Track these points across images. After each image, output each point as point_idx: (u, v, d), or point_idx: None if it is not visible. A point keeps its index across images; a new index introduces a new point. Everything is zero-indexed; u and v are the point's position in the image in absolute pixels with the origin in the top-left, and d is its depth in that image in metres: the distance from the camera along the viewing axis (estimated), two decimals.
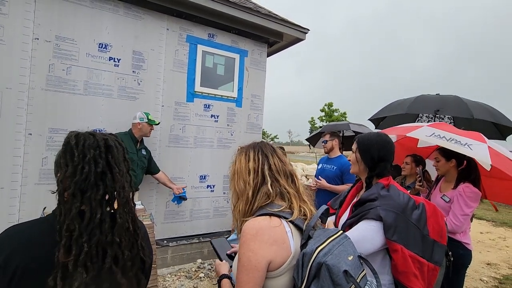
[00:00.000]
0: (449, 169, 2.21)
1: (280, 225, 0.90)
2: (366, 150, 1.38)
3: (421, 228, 1.22)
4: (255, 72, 4.17)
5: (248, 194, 0.98)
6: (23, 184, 2.75)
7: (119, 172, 0.85)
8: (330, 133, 3.31)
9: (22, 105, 2.74)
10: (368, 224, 1.22)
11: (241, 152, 1.08)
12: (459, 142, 1.85)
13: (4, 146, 2.66)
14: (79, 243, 0.75)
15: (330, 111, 33.95)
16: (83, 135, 0.85)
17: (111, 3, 3.15)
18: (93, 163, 0.81)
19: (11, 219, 2.68)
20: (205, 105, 3.79)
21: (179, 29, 3.58)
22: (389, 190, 1.29)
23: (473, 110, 2.97)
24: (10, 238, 0.78)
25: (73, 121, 2.95)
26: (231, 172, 1.09)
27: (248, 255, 0.86)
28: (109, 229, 0.80)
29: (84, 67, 3.02)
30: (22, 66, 2.73)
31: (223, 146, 3.96)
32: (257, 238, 0.86)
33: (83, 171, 0.79)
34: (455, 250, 2.10)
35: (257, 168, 1.01)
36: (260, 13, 3.85)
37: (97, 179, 0.81)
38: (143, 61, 3.36)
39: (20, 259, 0.74)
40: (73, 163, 0.80)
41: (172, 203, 3.52)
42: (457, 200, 2.07)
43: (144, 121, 3.01)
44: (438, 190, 2.32)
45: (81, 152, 0.81)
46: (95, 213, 0.79)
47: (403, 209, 1.21)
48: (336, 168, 3.14)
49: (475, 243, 5.25)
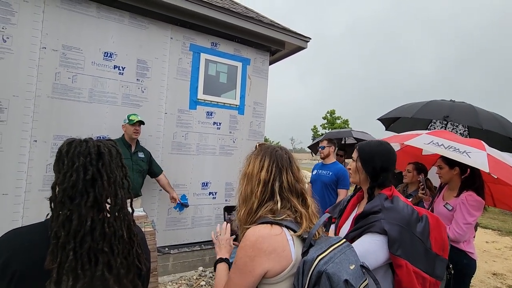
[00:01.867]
0: (452, 177, 2.20)
1: (281, 233, 0.90)
2: (368, 160, 1.32)
3: (425, 242, 1.18)
4: (257, 80, 4.21)
5: (253, 204, 0.97)
6: (27, 191, 2.78)
7: (108, 179, 0.84)
8: (327, 139, 3.45)
9: (28, 112, 2.79)
10: (372, 238, 1.17)
11: (257, 155, 1.03)
12: (458, 150, 1.85)
13: (10, 153, 2.70)
14: (66, 250, 0.75)
15: (332, 118, 33.95)
16: (75, 142, 0.86)
17: (117, 13, 3.22)
18: (82, 170, 0.81)
19: (14, 225, 2.68)
20: (208, 113, 3.83)
21: (183, 38, 3.64)
22: (393, 201, 1.24)
23: (483, 121, 2.90)
24: (9, 242, 0.79)
25: (77, 128, 2.99)
26: (242, 172, 1.05)
27: (245, 260, 0.88)
28: (100, 237, 0.80)
29: (90, 75, 3.08)
30: (29, 75, 2.79)
31: (225, 153, 3.97)
32: (256, 245, 0.87)
33: (71, 179, 0.80)
34: (458, 260, 2.07)
35: (268, 181, 0.97)
36: (263, 22, 3.92)
37: (87, 186, 0.81)
38: (147, 69, 3.42)
39: (18, 262, 0.75)
40: (62, 170, 0.81)
41: (174, 210, 3.53)
42: (460, 209, 2.05)
43: (126, 122, 2.98)
44: (441, 198, 2.31)
45: (70, 159, 0.82)
46: (85, 220, 0.79)
47: (408, 222, 1.17)
48: (332, 174, 3.23)
49: (481, 252, 5.17)
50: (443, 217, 2.20)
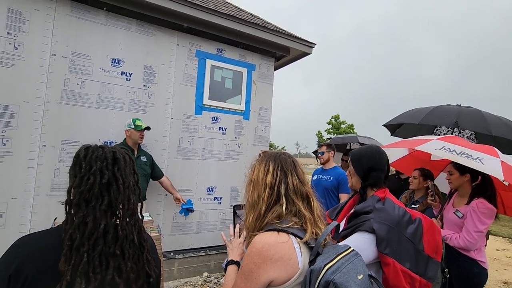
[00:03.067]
0: (463, 184, 2.16)
1: (288, 241, 0.89)
2: (357, 161, 1.42)
3: (416, 243, 1.22)
4: (262, 86, 4.23)
5: (260, 209, 0.98)
6: (36, 195, 2.81)
7: (123, 183, 0.87)
8: (326, 145, 3.48)
9: (37, 118, 2.84)
10: (361, 236, 1.22)
11: (261, 161, 1.05)
12: (470, 156, 1.81)
13: (20, 157, 2.74)
14: (80, 252, 0.77)
15: (337, 123, 33.81)
16: (92, 148, 0.88)
17: (125, 20, 3.28)
18: (99, 174, 0.83)
19: (23, 229, 2.73)
20: (213, 118, 3.85)
21: (189, 44, 3.69)
22: (385, 203, 1.29)
23: (492, 127, 2.86)
24: (21, 248, 0.80)
25: (85, 133, 3.03)
26: (247, 179, 1.06)
27: (251, 267, 0.87)
28: (112, 240, 0.81)
29: (97, 81, 3.13)
30: (39, 81, 2.85)
31: (230, 158, 3.98)
32: (262, 253, 0.86)
33: (88, 182, 0.82)
34: (469, 269, 2.03)
35: (274, 185, 0.98)
36: (268, 29, 3.95)
37: (102, 190, 0.83)
38: (154, 75, 3.46)
39: (30, 268, 0.76)
40: (80, 174, 0.83)
41: (179, 215, 3.53)
42: (471, 216, 2.01)
43: (131, 127, 2.98)
44: (451, 205, 2.27)
45: (87, 163, 0.84)
46: (99, 223, 0.80)
47: (397, 223, 1.21)
48: (333, 179, 3.25)
49: (491, 261, 5.04)
50: (453, 224, 2.16)
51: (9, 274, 0.75)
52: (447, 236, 2.11)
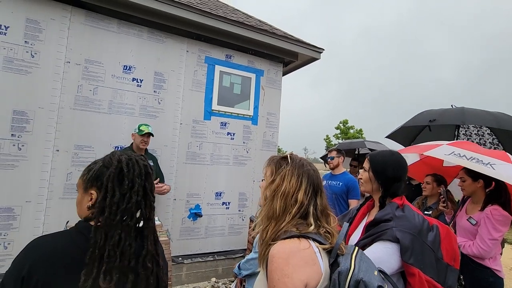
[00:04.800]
0: (476, 190, 2.11)
1: (309, 247, 0.88)
2: (381, 170, 1.34)
3: (436, 251, 1.18)
4: (270, 91, 4.25)
5: (283, 222, 0.93)
6: (49, 198, 2.88)
7: (152, 201, 0.89)
8: (336, 150, 3.46)
9: (51, 123, 2.92)
10: (384, 245, 1.17)
11: (293, 172, 0.98)
12: (481, 162, 1.78)
13: (34, 162, 2.82)
14: (117, 269, 0.79)
15: (345, 128, 33.52)
16: (132, 162, 0.88)
17: (136, 28, 3.37)
18: (136, 193, 0.85)
19: (36, 232, 2.79)
20: (222, 123, 3.88)
21: (198, 51, 3.75)
22: (404, 210, 1.25)
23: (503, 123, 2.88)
24: (35, 250, 0.81)
25: (97, 139, 3.10)
26: (272, 185, 0.98)
27: (284, 281, 0.82)
28: (132, 255, 0.83)
29: (109, 88, 3.20)
30: (53, 87, 2.94)
31: (238, 163, 3.99)
32: (290, 261, 0.84)
33: (131, 201, 0.83)
34: (484, 277, 1.97)
35: (304, 202, 0.94)
36: (276, 35, 3.98)
37: (135, 208, 0.85)
38: (164, 81, 3.52)
39: (41, 272, 0.77)
40: (122, 190, 0.84)
41: (188, 220, 3.55)
42: (485, 223, 1.96)
43: (136, 131, 2.99)
44: (464, 212, 2.21)
45: (130, 181, 0.85)
46: (126, 239, 0.82)
47: (419, 231, 1.17)
48: (342, 184, 3.22)
49: (507, 270, 4.86)
50: (466, 231, 2.11)
51: (22, 276, 0.76)
52: (461, 243, 2.06)
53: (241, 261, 2.06)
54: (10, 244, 2.70)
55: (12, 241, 2.71)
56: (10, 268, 0.79)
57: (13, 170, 2.74)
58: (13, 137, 2.75)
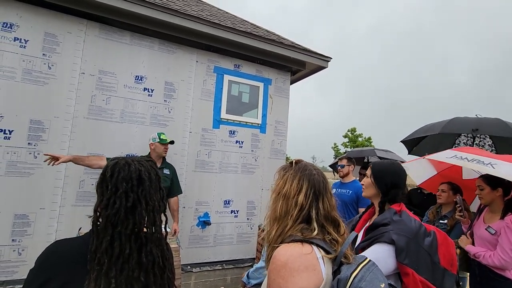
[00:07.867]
0: (495, 199, 2.06)
1: (312, 252, 0.88)
2: (380, 177, 1.47)
3: (432, 255, 1.25)
4: (278, 99, 4.29)
5: (286, 224, 0.95)
6: (62, 205, 2.94)
7: (147, 206, 0.85)
8: (347, 158, 3.45)
9: (66, 132, 3.01)
10: (381, 247, 1.25)
11: (295, 175, 1.00)
12: (482, 162, 1.79)
13: (48, 170, 2.89)
14: (108, 277, 0.77)
15: (354, 136, 33.24)
16: (119, 166, 0.86)
17: (148, 40, 3.48)
18: (124, 197, 0.82)
19: (49, 239, 2.84)
20: (230, 131, 3.92)
21: (207, 61, 3.83)
22: (401, 215, 1.34)
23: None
24: (52, 255, 0.83)
25: (109, 147, 3.17)
26: (275, 189, 1.02)
27: (279, 282, 0.85)
28: (135, 265, 0.81)
29: (121, 97, 3.29)
30: (69, 98, 3.04)
31: (247, 171, 4.00)
32: (288, 265, 0.85)
33: (114, 206, 0.81)
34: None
35: (305, 206, 0.96)
36: (283, 44, 4.04)
37: (128, 213, 0.82)
38: (174, 91, 3.60)
39: (57, 280, 0.78)
40: (106, 195, 0.83)
41: (196, 228, 3.56)
42: (505, 233, 1.90)
43: (156, 141, 3.05)
44: (481, 221, 2.16)
45: (114, 185, 0.83)
46: (124, 248, 0.80)
47: (415, 234, 1.25)
48: (352, 193, 3.20)
49: None
50: (484, 241, 2.05)
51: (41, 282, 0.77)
52: (480, 253, 2.00)
53: (250, 270, 2.05)
54: (24, 251, 2.76)
55: (26, 248, 2.76)
56: (33, 271, 0.81)
57: (29, 177, 2.82)
58: (30, 145, 2.85)
